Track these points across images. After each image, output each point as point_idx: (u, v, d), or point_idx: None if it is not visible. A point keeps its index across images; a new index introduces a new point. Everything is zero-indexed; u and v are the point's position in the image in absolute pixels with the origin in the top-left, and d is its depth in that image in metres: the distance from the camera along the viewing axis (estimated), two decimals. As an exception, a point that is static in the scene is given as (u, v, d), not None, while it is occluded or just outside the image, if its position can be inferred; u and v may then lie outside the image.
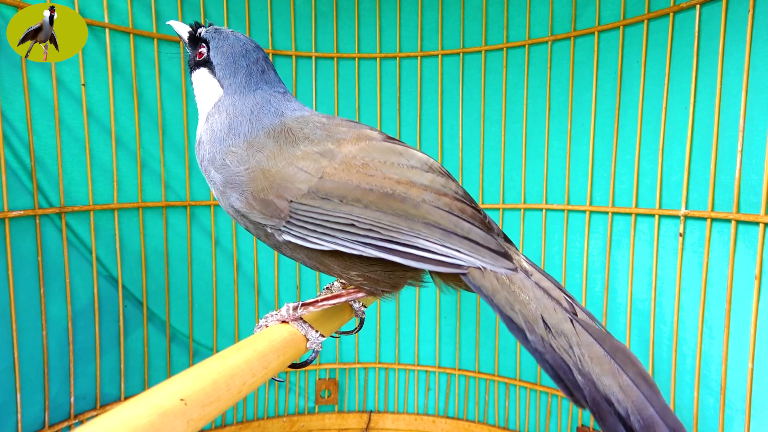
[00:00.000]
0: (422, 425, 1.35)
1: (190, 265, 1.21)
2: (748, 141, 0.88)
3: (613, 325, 1.12)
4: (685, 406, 1.01)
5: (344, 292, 0.58)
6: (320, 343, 0.56)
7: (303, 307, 0.56)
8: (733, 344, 0.91)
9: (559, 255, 1.19)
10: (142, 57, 1.11)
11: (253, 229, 0.55)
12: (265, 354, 0.45)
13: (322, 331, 0.56)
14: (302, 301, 0.56)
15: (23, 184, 0.98)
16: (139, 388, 1.17)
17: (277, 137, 0.53)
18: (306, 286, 1.34)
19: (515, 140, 1.22)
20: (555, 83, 1.17)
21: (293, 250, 0.54)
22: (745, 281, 0.89)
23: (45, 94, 0.99)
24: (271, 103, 0.58)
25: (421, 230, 0.49)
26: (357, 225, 0.50)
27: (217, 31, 0.63)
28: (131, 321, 1.15)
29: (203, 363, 0.40)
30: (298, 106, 0.60)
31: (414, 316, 1.35)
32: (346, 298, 0.57)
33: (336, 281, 0.70)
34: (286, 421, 1.33)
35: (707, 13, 0.94)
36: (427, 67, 1.28)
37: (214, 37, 0.62)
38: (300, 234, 0.51)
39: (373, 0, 1.27)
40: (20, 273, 0.97)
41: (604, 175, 1.11)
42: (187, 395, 0.35)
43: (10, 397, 0.97)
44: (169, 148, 1.17)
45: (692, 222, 0.98)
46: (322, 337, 0.56)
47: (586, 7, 1.11)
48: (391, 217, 0.49)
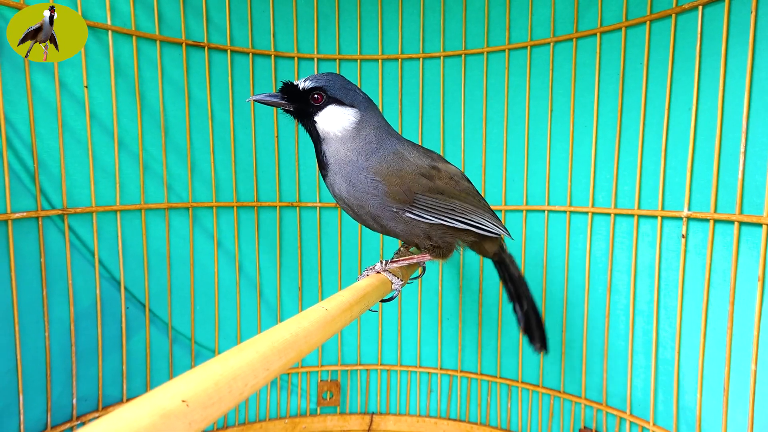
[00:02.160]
0: (424, 427, 1.35)
1: (192, 267, 1.21)
2: (751, 142, 0.87)
3: (616, 326, 1.12)
4: (688, 407, 1.00)
5: (415, 256, 0.84)
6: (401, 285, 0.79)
7: (390, 263, 0.81)
8: (735, 346, 0.91)
9: (561, 256, 1.18)
10: (145, 59, 1.12)
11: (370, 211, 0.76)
12: (267, 355, 0.45)
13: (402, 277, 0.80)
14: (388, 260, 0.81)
15: (26, 186, 0.98)
16: (141, 390, 1.17)
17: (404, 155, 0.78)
18: (306, 286, 1.34)
19: (517, 142, 1.22)
20: (557, 85, 1.17)
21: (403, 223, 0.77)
22: (748, 283, 0.89)
23: (48, 97, 1.00)
24: (386, 126, 0.79)
25: (485, 213, 0.83)
26: (456, 210, 0.79)
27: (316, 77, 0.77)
28: (133, 323, 1.15)
29: (205, 365, 0.40)
30: (394, 132, 0.81)
31: (416, 318, 1.35)
32: (417, 260, 0.84)
33: (401, 247, 0.97)
34: (287, 423, 1.33)
35: (710, 14, 0.94)
36: (429, 68, 1.28)
37: (322, 81, 0.76)
38: (418, 214, 0.76)
39: (374, 2, 1.27)
40: (22, 274, 0.97)
41: (606, 176, 1.11)
42: (188, 397, 0.35)
43: (13, 398, 0.97)
44: (172, 150, 1.17)
45: (695, 223, 0.98)
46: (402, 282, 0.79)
47: (588, 9, 1.11)
48: (471, 207, 0.81)
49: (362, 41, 1.29)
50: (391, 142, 0.78)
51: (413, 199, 0.76)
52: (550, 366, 1.23)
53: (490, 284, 1.29)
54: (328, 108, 0.76)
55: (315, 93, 0.75)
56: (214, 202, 1.23)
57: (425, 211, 0.76)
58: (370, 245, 1.35)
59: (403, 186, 0.75)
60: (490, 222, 0.82)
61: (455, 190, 0.80)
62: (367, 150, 0.76)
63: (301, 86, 0.76)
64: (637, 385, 1.10)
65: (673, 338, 1.02)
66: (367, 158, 0.75)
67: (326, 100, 0.75)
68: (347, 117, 0.76)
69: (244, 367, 0.42)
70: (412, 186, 0.76)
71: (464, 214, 0.79)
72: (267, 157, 1.28)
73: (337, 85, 0.76)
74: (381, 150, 0.76)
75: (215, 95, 1.21)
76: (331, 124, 0.75)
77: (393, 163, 0.76)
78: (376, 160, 0.75)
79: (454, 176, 0.82)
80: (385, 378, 1.38)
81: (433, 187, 0.77)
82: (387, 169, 0.75)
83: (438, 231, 0.79)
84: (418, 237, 0.79)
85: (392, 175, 0.75)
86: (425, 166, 0.78)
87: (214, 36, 1.20)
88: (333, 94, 0.75)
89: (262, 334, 0.50)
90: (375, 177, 0.75)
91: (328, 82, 0.76)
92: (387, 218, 0.77)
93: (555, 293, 1.21)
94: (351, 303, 0.67)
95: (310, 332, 0.54)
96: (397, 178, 0.75)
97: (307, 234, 1.33)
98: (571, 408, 1.21)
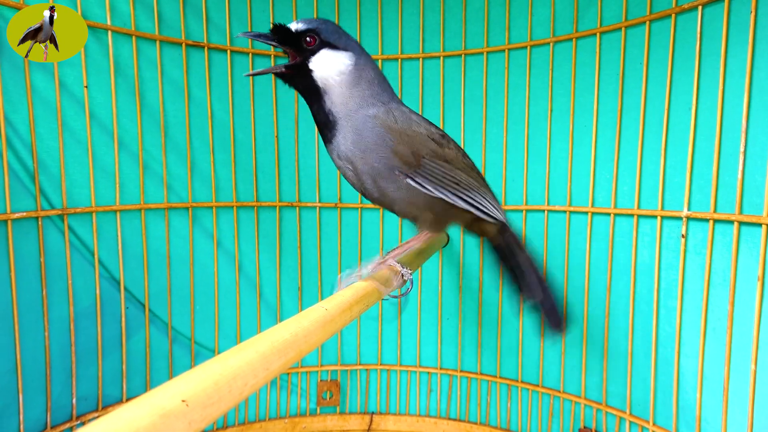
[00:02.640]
0: (424, 427, 1.35)
1: (192, 267, 1.21)
2: (751, 142, 0.87)
3: (616, 326, 1.12)
4: (688, 407, 1.00)
5: (413, 239, 0.80)
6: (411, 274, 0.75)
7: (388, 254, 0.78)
8: (735, 346, 0.91)
9: (561, 256, 1.18)
10: (144, 59, 1.11)
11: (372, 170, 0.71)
12: (267, 355, 0.45)
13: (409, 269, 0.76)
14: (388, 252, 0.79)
15: (25, 186, 0.98)
16: (140, 390, 1.17)
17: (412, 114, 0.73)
18: (307, 287, 1.34)
19: (517, 142, 1.22)
20: (557, 84, 1.17)
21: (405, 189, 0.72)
22: (748, 283, 0.89)
23: (47, 97, 1.00)
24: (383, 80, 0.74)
25: (487, 193, 0.79)
26: (461, 184, 0.73)
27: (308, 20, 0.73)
28: (133, 322, 1.15)
29: (205, 364, 0.40)
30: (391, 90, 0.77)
31: (416, 318, 1.35)
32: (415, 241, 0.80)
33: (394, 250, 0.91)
34: (287, 423, 1.33)
35: (709, 14, 0.94)
36: (429, 68, 1.28)
37: (314, 24, 0.72)
38: (421, 182, 0.70)
39: (374, 2, 1.27)
40: (22, 274, 0.97)
41: (606, 176, 1.11)
42: (188, 396, 0.35)
43: (13, 398, 0.97)
44: (171, 149, 1.17)
45: (694, 223, 0.98)
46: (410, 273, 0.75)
47: (588, 9, 1.11)
48: (477, 184, 0.76)
49: (362, 41, 1.29)
50: (396, 100, 0.74)
51: (419, 164, 0.71)
52: (549, 366, 1.24)
53: (490, 284, 1.29)
54: (321, 52, 0.71)
55: (308, 36, 0.71)
56: (214, 202, 1.23)
57: (429, 180, 0.71)
58: (370, 245, 1.35)
59: (412, 146, 0.70)
60: (491, 205, 0.78)
61: (462, 162, 0.75)
62: (371, 99, 0.72)
63: (294, 28, 0.72)
64: (636, 384, 1.10)
65: (673, 338, 1.02)
66: (373, 107, 0.71)
67: (319, 43, 0.71)
68: (342, 61, 0.71)
69: (243, 366, 0.42)
70: (420, 148, 0.71)
71: (468, 191, 0.74)
72: (267, 157, 1.28)
73: (330, 29, 0.72)
74: (387, 104, 0.72)
75: (215, 95, 1.21)
76: (328, 69, 0.71)
77: (402, 119, 0.71)
78: (383, 112, 0.71)
79: (461, 149, 0.78)
80: (384, 378, 1.38)
81: (441, 154, 0.73)
82: (395, 125, 0.71)
83: (438, 204, 0.74)
84: (417, 207, 0.74)
85: (401, 132, 0.70)
86: (434, 132, 0.74)
87: (213, 36, 1.20)
88: (326, 38, 0.71)
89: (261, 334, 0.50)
90: (383, 129, 0.70)
91: (321, 25, 0.72)
92: (388, 181, 0.71)
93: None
94: (351, 303, 0.67)
95: (309, 332, 0.54)
96: (407, 136, 0.70)
97: (306, 234, 1.33)
98: (570, 408, 1.21)
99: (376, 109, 0.71)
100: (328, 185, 1.32)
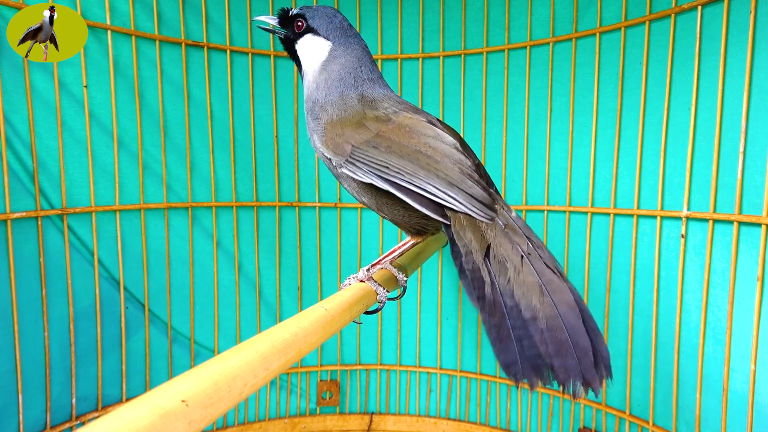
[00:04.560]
0: (424, 427, 1.35)
1: (191, 267, 1.21)
2: (751, 142, 0.87)
3: (616, 326, 1.12)
4: (687, 407, 1.00)
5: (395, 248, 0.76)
6: (386, 296, 0.71)
7: (372, 267, 0.73)
8: (735, 346, 0.91)
9: (561, 256, 1.18)
10: (144, 59, 1.11)
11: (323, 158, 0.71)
12: (267, 355, 0.45)
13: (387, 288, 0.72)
14: (371, 263, 0.74)
15: (25, 186, 0.98)
16: (140, 390, 1.17)
17: (362, 101, 0.70)
18: (307, 287, 1.34)
19: (517, 142, 1.22)
20: (556, 84, 1.17)
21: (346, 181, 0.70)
22: (747, 283, 0.89)
23: (47, 96, 1.00)
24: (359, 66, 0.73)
25: (434, 179, 0.62)
26: (390, 168, 0.64)
27: (307, 7, 0.76)
28: (132, 322, 1.15)
29: (204, 364, 0.40)
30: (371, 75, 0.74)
31: (415, 318, 1.35)
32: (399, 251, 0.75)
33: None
34: (287, 423, 1.33)
35: (709, 14, 0.94)
36: (429, 68, 1.28)
37: (307, 10, 0.75)
38: (351, 170, 0.66)
39: (374, 2, 1.27)
40: (22, 274, 0.97)
41: (606, 176, 1.11)
42: (188, 396, 0.35)
43: (12, 398, 0.97)
44: (171, 149, 1.17)
45: (694, 223, 0.98)
46: (387, 292, 0.71)
47: (588, 9, 1.11)
48: (415, 167, 0.63)
49: (362, 41, 1.29)
50: (358, 85, 0.72)
51: (350, 152, 0.66)
52: (549, 366, 1.23)
53: (489, 284, 1.29)
54: (305, 37, 0.75)
55: (298, 20, 0.76)
56: (214, 202, 1.23)
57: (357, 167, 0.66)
58: (370, 245, 1.35)
59: (342, 135, 0.67)
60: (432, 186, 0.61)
61: (403, 144, 0.65)
62: (327, 87, 0.72)
63: (291, 13, 0.77)
64: (636, 384, 1.10)
65: (673, 338, 1.02)
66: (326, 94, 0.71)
67: (305, 28, 0.75)
68: (318, 48, 0.74)
69: (243, 366, 0.42)
70: (349, 136, 0.67)
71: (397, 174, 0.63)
72: (266, 157, 1.28)
73: (317, 15, 0.75)
74: (337, 90, 0.71)
75: (215, 95, 1.21)
76: (307, 53, 0.75)
77: (338, 105, 0.70)
78: (324, 100, 0.71)
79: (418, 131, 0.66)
80: (384, 378, 1.38)
81: (371, 140, 0.66)
82: (330, 111, 0.69)
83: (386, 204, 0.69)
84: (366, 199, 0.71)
85: (333, 120, 0.69)
86: (372, 115, 0.69)
87: (213, 36, 1.20)
88: (312, 24, 0.74)
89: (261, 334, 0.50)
90: (317, 118, 0.70)
91: (312, 11, 0.76)
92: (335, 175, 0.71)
93: (554, 293, 1.21)
94: (351, 303, 0.67)
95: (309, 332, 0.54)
96: (338, 123, 0.68)
97: (306, 234, 1.33)
98: (570, 408, 1.21)
99: (321, 98, 0.72)
100: (327, 185, 1.32)
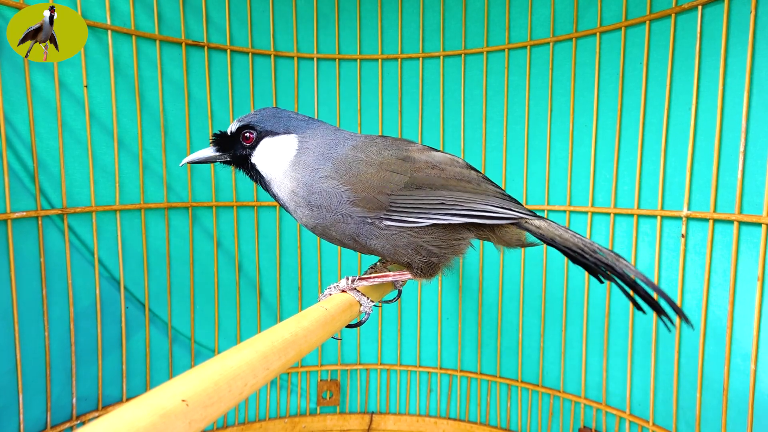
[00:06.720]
0: (424, 426, 1.35)
1: (192, 267, 1.21)
2: (751, 142, 0.88)
3: (616, 325, 1.12)
4: (687, 407, 1.00)
5: (390, 273, 0.72)
6: (371, 307, 0.69)
7: (359, 280, 0.70)
8: (735, 345, 0.91)
9: (561, 256, 1.18)
10: (144, 59, 1.11)
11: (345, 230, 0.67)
12: (267, 355, 0.45)
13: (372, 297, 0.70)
14: (358, 276, 0.71)
15: (25, 186, 0.98)
16: (140, 390, 1.17)
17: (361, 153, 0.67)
18: (307, 287, 1.34)
19: (517, 141, 1.22)
20: (557, 84, 1.17)
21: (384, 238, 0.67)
22: (748, 282, 0.89)
23: (47, 96, 1.00)
24: (335, 133, 0.70)
25: (488, 198, 0.67)
26: (446, 203, 0.65)
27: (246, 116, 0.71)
28: (133, 322, 1.15)
29: (205, 364, 0.40)
30: (350, 134, 0.71)
31: (416, 317, 1.35)
32: (392, 278, 0.72)
33: (378, 263, 0.84)
34: (287, 422, 1.33)
35: (709, 14, 0.94)
36: (429, 68, 1.28)
37: (251, 118, 0.70)
38: (399, 218, 0.65)
39: (374, 1, 1.27)
40: (22, 274, 0.97)
41: (606, 176, 1.11)
42: (188, 396, 0.35)
43: (13, 398, 0.97)
44: (171, 149, 1.17)
45: (694, 223, 0.98)
46: (372, 303, 0.69)
47: (588, 9, 1.11)
48: (467, 194, 0.67)
49: (362, 41, 1.29)
50: (344, 145, 0.68)
51: (389, 203, 0.64)
52: (549, 365, 1.24)
53: (489, 284, 1.29)
54: (262, 143, 0.69)
55: (245, 132, 0.69)
56: (214, 202, 1.23)
57: (407, 213, 0.65)
58: (370, 245, 1.35)
59: (372, 189, 0.64)
60: (494, 206, 0.67)
61: (440, 178, 0.67)
62: (317, 164, 0.67)
63: (229, 131, 0.70)
64: (636, 384, 1.10)
65: (673, 338, 1.02)
66: (318, 172, 0.66)
67: (258, 135, 0.69)
68: (283, 145, 0.68)
69: (243, 366, 0.42)
70: (382, 187, 0.65)
71: (457, 205, 0.66)
72: (267, 157, 1.28)
73: (266, 115, 0.70)
74: (334, 156, 0.67)
75: (215, 95, 1.21)
76: (270, 158, 0.69)
77: (353, 164, 0.66)
78: (330, 168, 0.66)
79: (440, 164, 0.69)
80: (384, 377, 1.38)
81: (410, 182, 0.66)
82: (347, 173, 0.65)
83: (429, 241, 0.67)
84: (405, 254, 0.68)
85: (355, 179, 0.65)
86: (392, 160, 0.67)
87: (213, 36, 1.20)
88: (263, 127, 0.69)
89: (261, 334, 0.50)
90: (335, 185, 0.65)
91: (255, 117, 0.70)
92: (365, 234, 0.66)
93: (555, 293, 1.21)
94: (350, 303, 0.67)
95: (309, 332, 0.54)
96: (362, 181, 0.65)
97: (306, 233, 1.33)
98: (570, 407, 1.21)
99: (321, 172, 0.66)
100: (328, 185, 1.32)
